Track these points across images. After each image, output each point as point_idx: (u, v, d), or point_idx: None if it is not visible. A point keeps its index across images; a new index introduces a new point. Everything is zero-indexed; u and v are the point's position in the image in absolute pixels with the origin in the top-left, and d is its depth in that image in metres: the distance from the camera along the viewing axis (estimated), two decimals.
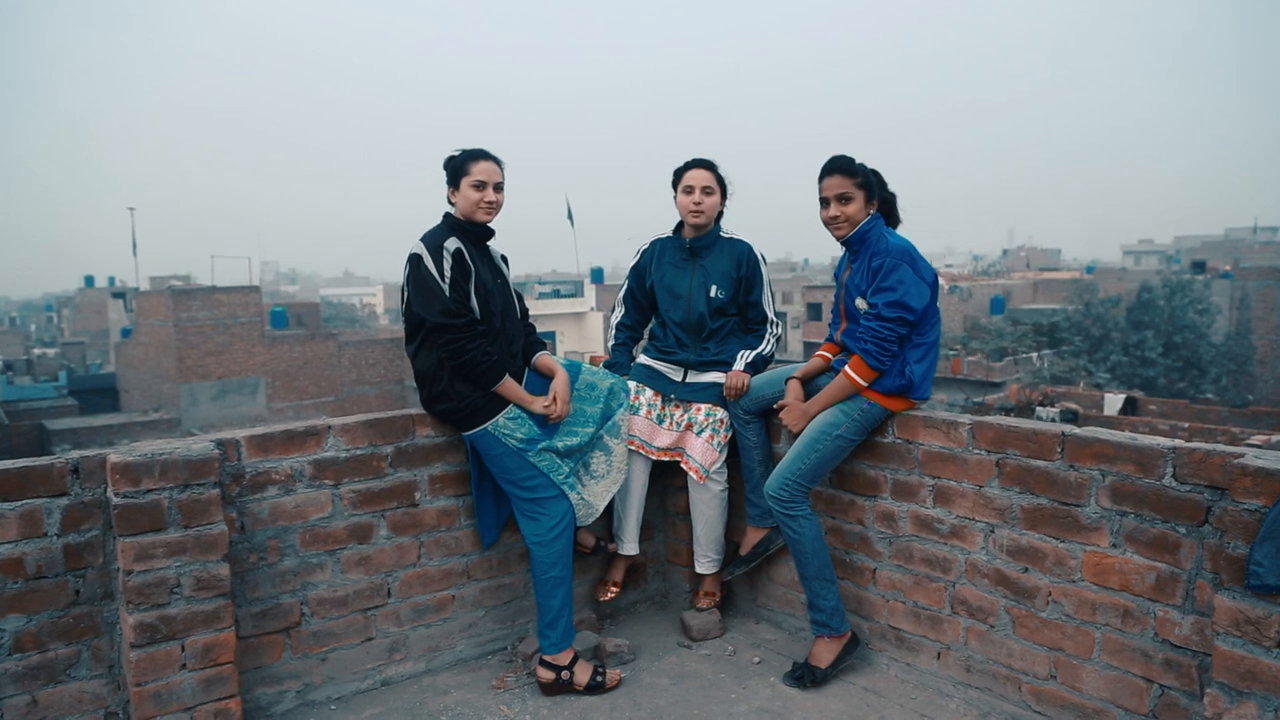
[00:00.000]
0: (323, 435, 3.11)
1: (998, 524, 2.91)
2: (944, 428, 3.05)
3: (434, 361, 3.16)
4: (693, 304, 3.67)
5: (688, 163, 3.65)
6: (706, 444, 3.55)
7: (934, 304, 3.14)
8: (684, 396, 3.63)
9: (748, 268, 3.68)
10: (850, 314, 3.27)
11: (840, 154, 3.19)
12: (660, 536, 4.04)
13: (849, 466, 3.36)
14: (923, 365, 3.15)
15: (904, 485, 3.18)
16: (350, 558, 3.19)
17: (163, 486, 2.68)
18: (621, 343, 3.90)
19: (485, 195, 3.22)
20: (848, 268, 3.30)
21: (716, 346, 3.67)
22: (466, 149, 3.27)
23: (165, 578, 2.69)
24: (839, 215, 3.18)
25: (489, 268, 3.33)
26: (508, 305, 3.34)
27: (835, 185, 3.16)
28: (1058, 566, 2.77)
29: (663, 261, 3.78)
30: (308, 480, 3.09)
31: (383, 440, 3.23)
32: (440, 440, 3.35)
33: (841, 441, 3.18)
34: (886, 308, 3.05)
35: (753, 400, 3.51)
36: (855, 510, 3.37)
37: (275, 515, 3.04)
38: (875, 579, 3.33)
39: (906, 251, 3.08)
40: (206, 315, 33.86)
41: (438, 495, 3.37)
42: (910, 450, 3.15)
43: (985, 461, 2.93)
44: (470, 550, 3.46)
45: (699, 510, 3.68)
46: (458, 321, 3.08)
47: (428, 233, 3.23)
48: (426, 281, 3.11)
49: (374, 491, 3.22)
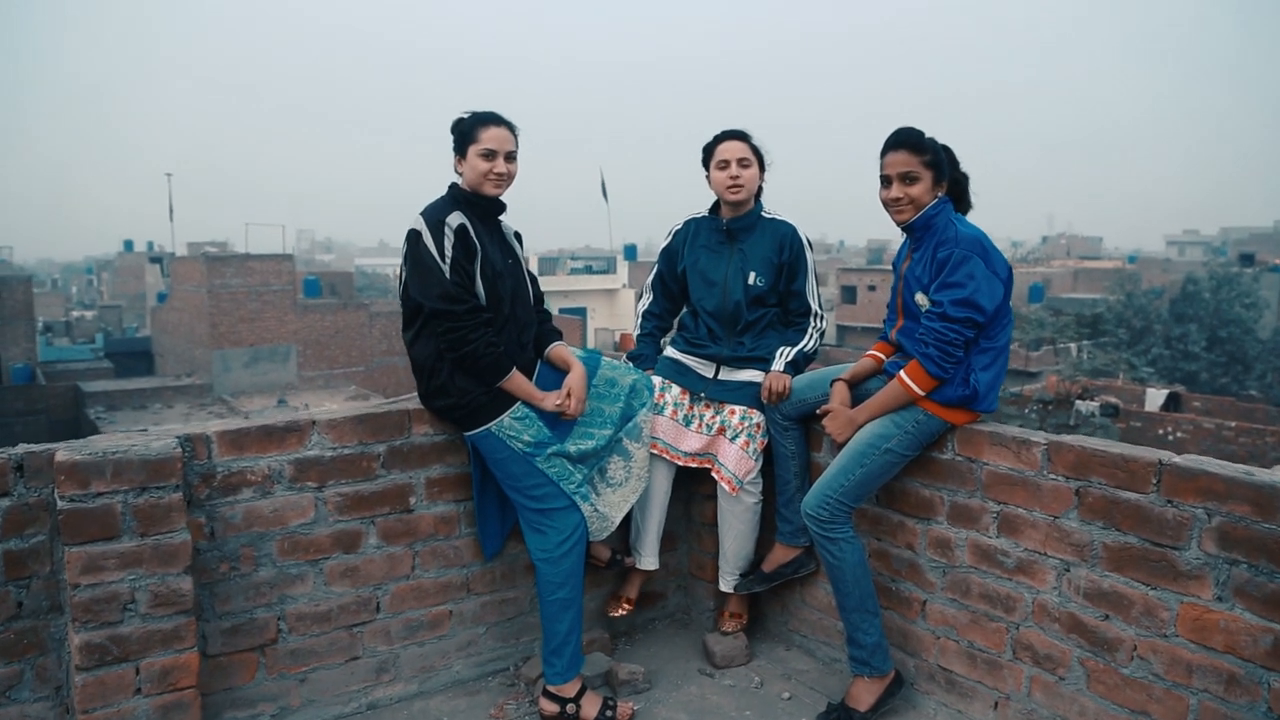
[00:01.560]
0: (305, 432, 2.77)
1: (1074, 562, 2.51)
2: (1014, 446, 2.63)
3: (433, 352, 2.81)
4: (728, 292, 3.27)
5: (718, 136, 3.25)
6: (741, 451, 3.17)
7: (1007, 303, 2.72)
8: (715, 396, 3.25)
9: (791, 252, 3.28)
10: (908, 311, 2.86)
11: (907, 126, 2.77)
12: (683, 547, 3.67)
13: (899, 484, 2.96)
14: (990, 373, 2.73)
15: (963, 509, 2.78)
16: (335, 568, 2.86)
17: (116, 489, 2.35)
18: (648, 333, 3.52)
19: (495, 166, 2.84)
20: (908, 257, 2.88)
21: (753, 341, 3.28)
22: (476, 111, 2.89)
23: (118, 592, 2.37)
24: (902, 197, 2.76)
25: (499, 246, 2.96)
26: (519, 289, 2.97)
27: (899, 162, 2.74)
28: (1146, 617, 2.36)
29: (696, 244, 3.38)
30: (288, 482, 2.75)
31: (374, 438, 2.88)
32: (439, 439, 3.00)
33: (892, 456, 2.78)
34: (953, 306, 2.63)
35: (793, 405, 3.12)
36: (905, 533, 2.97)
37: (250, 520, 2.71)
38: (925, 612, 2.93)
39: (979, 242, 2.66)
40: (240, 282, 33.94)
41: (435, 500, 3.02)
42: (972, 470, 2.75)
43: (1063, 489, 2.52)
44: (471, 561, 3.12)
45: (728, 523, 3.30)
46: (459, 308, 2.72)
47: (429, 206, 2.86)
48: (425, 261, 2.74)
49: (363, 495, 2.88)
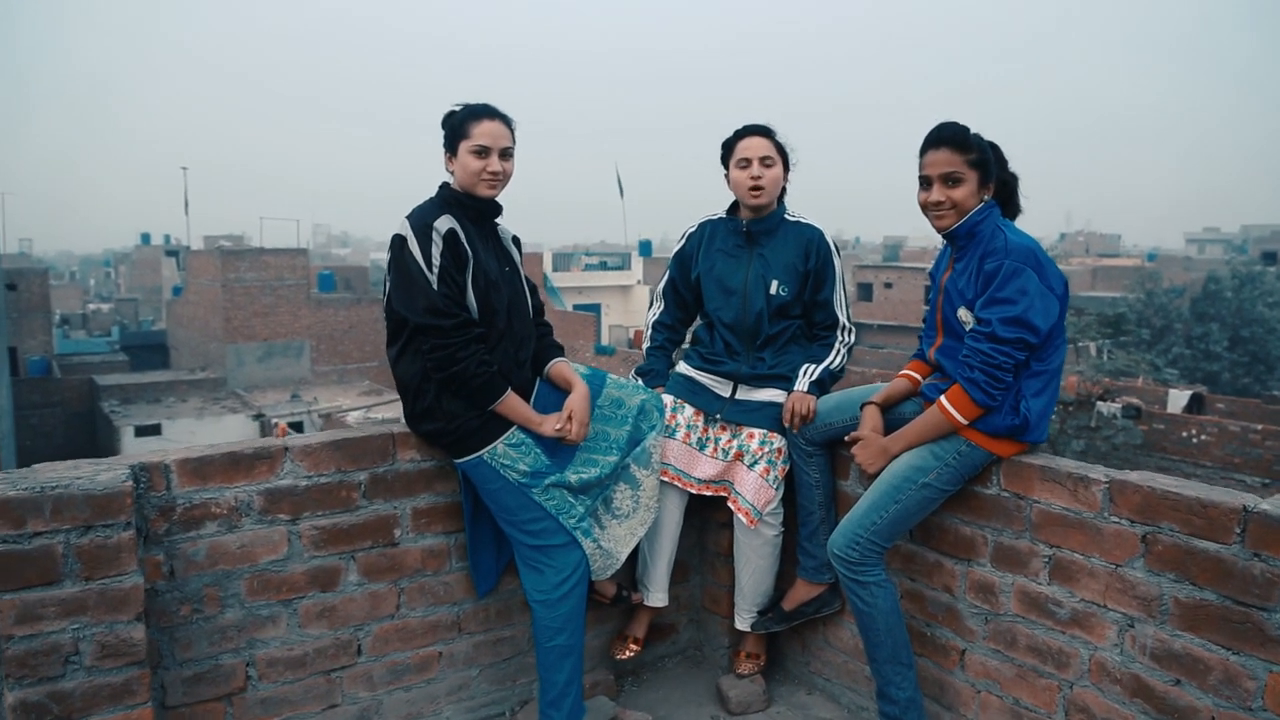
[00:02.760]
0: (277, 459, 2.50)
1: (1140, 617, 2.20)
2: (1069, 484, 2.33)
3: (419, 370, 2.53)
4: (748, 302, 2.98)
5: (738, 131, 2.96)
6: (760, 480, 2.87)
7: (1062, 321, 2.41)
8: (732, 418, 2.96)
9: (817, 259, 2.98)
10: (949, 328, 2.56)
11: (950, 121, 2.46)
12: (696, 579, 3.38)
13: (937, 519, 2.66)
14: (1042, 400, 2.43)
15: (1009, 551, 2.48)
16: (310, 609, 2.59)
17: (56, 529, 2.08)
18: (658, 345, 3.23)
19: (489, 164, 2.56)
20: (949, 267, 2.58)
21: (774, 356, 2.99)
22: (469, 105, 2.61)
23: (58, 644, 2.10)
24: (943, 200, 2.46)
25: (495, 252, 2.68)
26: (516, 300, 2.69)
27: (941, 162, 2.44)
28: (1227, 686, 2.06)
29: (712, 248, 3.09)
30: (257, 514, 2.48)
31: (354, 465, 2.61)
32: (427, 465, 2.73)
33: (930, 492, 2.49)
34: (1003, 325, 2.33)
35: (818, 429, 2.82)
36: (942, 574, 2.68)
37: (215, 557, 2.44)
38: (964, 663, 2.64)
39: (1031, 253, 2.36)
40: (254, 276, 33.88)
41: (423, 532, 2.74)
42: (1021, 508, 2.45)
43: (1127, 534, 2.21)
44: (462, 598, 2.84)
45: (745, 557, 3.01)
46: (446, 322, 2.44)
47: (416, 209, 2.58)
48: (410, 270, 2.47)
49: (342, 528, 2.61)
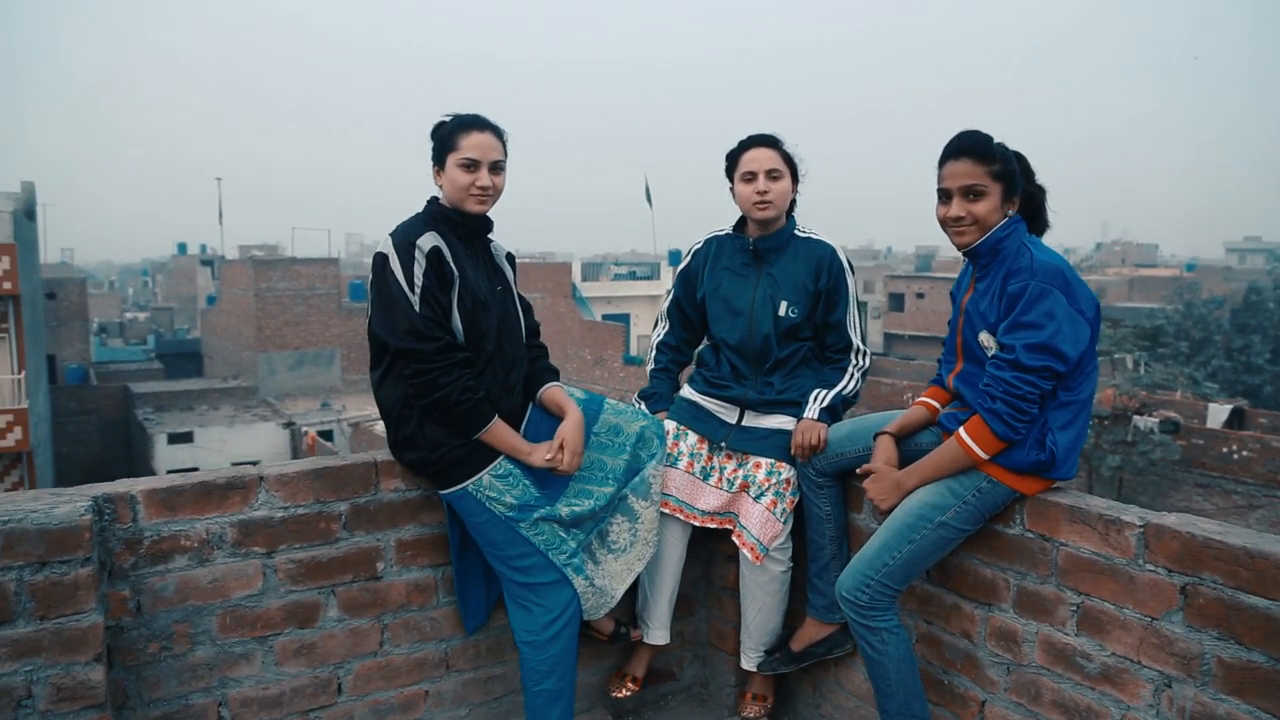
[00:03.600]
0: (251, 489, 2.37)
1: (1178, 677, 2.00)
2: (1100, 526, 2.13)
3: (401, 396, 2.39)
4: (755, 324, 2.81)
5: (743, 142, 2.80)
6: (766, 513, 2.70)
7: (1093, 347, 2.22)
8: (738, 446, 2.79)
9: (830, 277, 2.81)
10: (969, 353, 2.37)
11: (971, 130, 2.28)
12: (701, 613, 3.21)
13: (955, 558, 2.47)
14: (1070, 433, 2.24)
15: (1033, 597, 2.28)
16: (287, 646, 2.46)
17: (8, 565, 1.97)
18: (662, 368, 3.07)
19: (478, 178, 2.43)
20: (970, 287, 2.40)
21: (783, 381, 2.81)
22: (458, 115, 2.48)
23: (10, 686, 1.99)
24: (964, 215, 2.28)
25: (485, 271, 2.54)
26: (508, 321, 2.55)
27: (962, 173, 2.26)
28: None
29: (718, 266, 2.93)
30: (230, 547, 2.36)
31: (334, 495, 2.48)
32: (412, 495, 2.59)
33: (947, 531, 2.30)
34: (1028, 352, 2.14)
35: (829, 460, 2.65)
36: (960, 618, 2.48)
37: (185, 593, 2.31)
38: (984, 715, 2.44)
39: (1059, 272, 2.17)
40: (286, 286, 34.23)
41: (407, 565, 2.60)
42: (1046, 550, 2.25)
43: (1164, 585, 2.01)
44: (450, 634, 2.70)
45: (751, 594, 2.84)
46: (428, 346, 2.30)
47: (401, 225, 2.45)
48: (391, 291, 2.33)
49: (321, 562, 2.47)
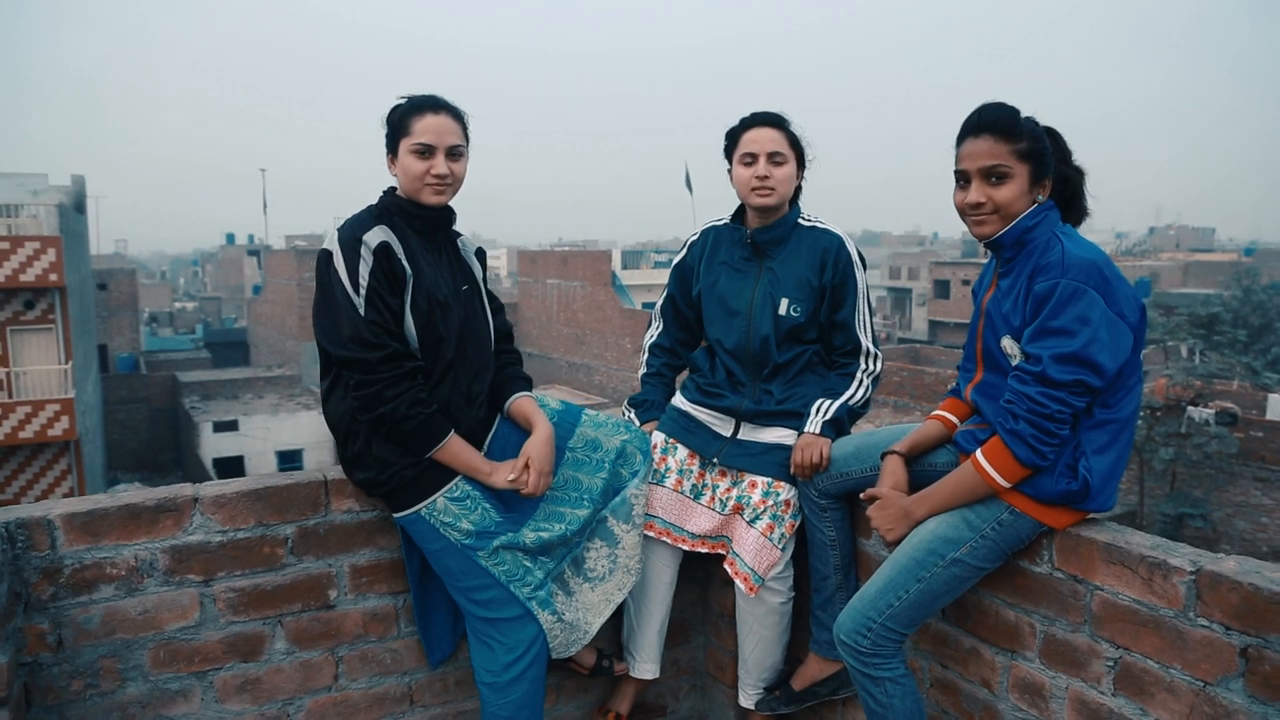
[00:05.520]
0: (184, 511, 2.15)
1: None
2: (1142, 570, 1.81)
3: (349, 409, 2.15)
4: (754, 325, 2.52)
5: (744, 120, 2.50)
6: (762, 539, 2.41)
7: (1137, 356, 1.90)
8: (733, 463, 2.50)
9: (836, 272, 2.50)
10: (991, 360, 2.06)
11: (995, 103, 1.96)
12: (699, 640, 2.93)
13: (975, 596, 2.17)
14: (1108, 457, 1.92)
15: (1063, 647, 1.97)
16: (229, 681, 2.24)
17: None
18: (655, 372, 2.79)
19: (433, 165, 2.17)
20: (992, 284, 2.08)
21: (784, 389, 2.52)
22: (412, 96, 2.22)
23: None
24: (984, 201, 1.96)
25: (447, 269, 2.29)
26: (472, 324, 2.29)
27: (982, 153, 1.94)
28: None
29: (715, 261, 2.64)
30: (162, 575, 2.14)
31: (278, 518, 2.24)
32: (368, 516, 2.35)
33: (961, 569, 1.99)
34: (1057, 364, 1.83)
35: (832, 480, 2.35)
36: (979, 665, 2.18)
37: (112, 625, 2.10)
38: None
39: (1095, 269, 1.84)
40: None
41: (364, 593, 2.37)
42: (1078, 594, 1.94)
43: (1220, 644, 1.69)
44: (414, 667, 2.46)
45: (749, 627, 2.56)
46: (371, 355, 2.05)
47: (349, 219, 2.20)
48: (334, 294, 2.08)
49: (265, 590, 2.25)
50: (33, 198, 20.99)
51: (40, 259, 17.92)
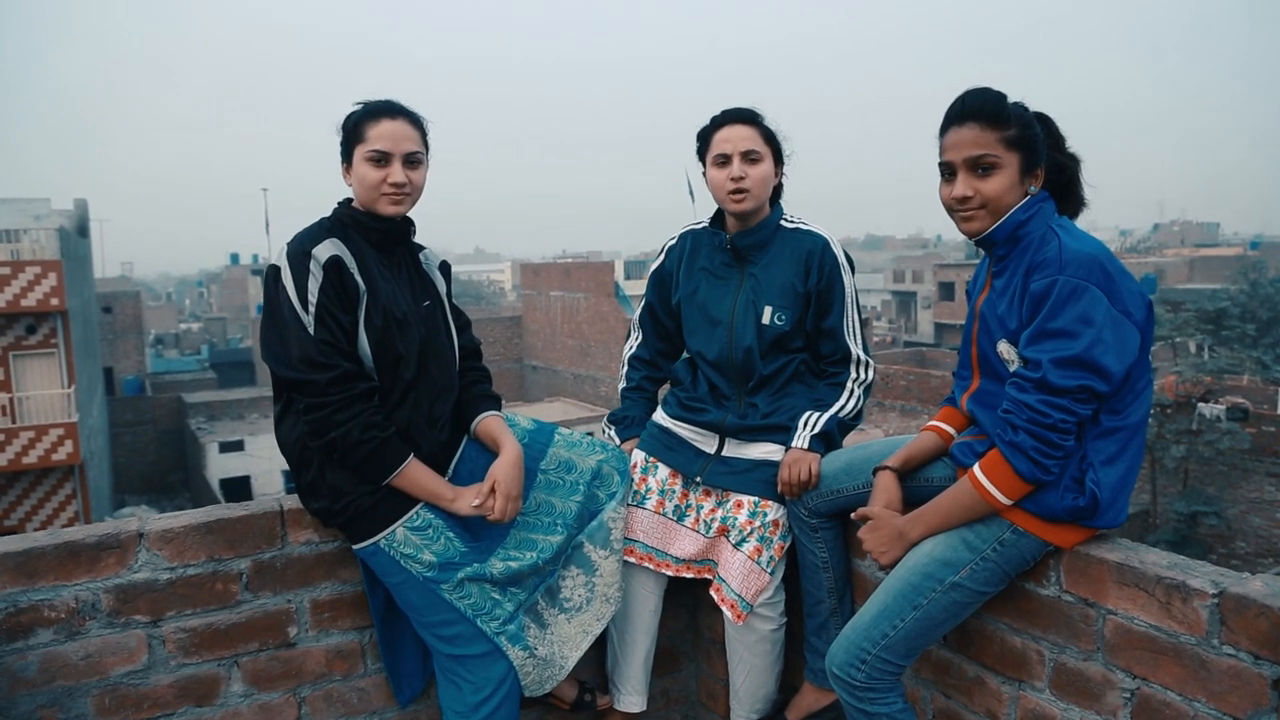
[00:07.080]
0: (129, 548, 2.01)
1: None
2: (1159, 592, 1.66)
3: (301, 435, 2.01)
4: (737, 335, 2.37)
5: (715, 119, 2.36)
6: (749, 563, 2.26)
7: (1145, 357, 1.75)
8: (717, 481, 2.35)
9: (821, 276, 2.35)
10: (987, 366, 1.91)
11: (981, 88, 1.82)
12: (690, 668, 2.78)
13: (979, 621, 2.01)
14: (1117, 468, 1.76)
15: (1075, 676, 1.82)
16: None
17: None
18: (635, 386, 2.64)
19: (389, 174, 2.03)
20: (986, 285, 1.94)
21: (769, 402, 2.37)
22: (368, 102, 2.09)
23: None
24: (971, 195, 1.81)
25: (407, 284, 2.15)
26: (435, 341, 2.15)
27: (967, 142, 1.80)
28: None
29: (695, 267, 2.49)
30: (106, 616, 2.00)
31: (232, 551, 2.10)
32: (328, 548, 2.20)
33: (961, 594, 1.84)
34: (1058, 369, 1.68)
35: (823, 498, 2.20)
36: (984, 695, 2.02)
37: (52, 672, 1.96)
38: None
39: (1097, 264, 1.69)
40: None
41: (326, 629, 2.22)
42: (1090, 618, 1.78)
43: (1248, 674, 1.54)
44: (383, 706, 2.31)
45: (739, 656, 2.41)
46: (320, 377, 1.91)
47: (300, 232, 2.06)
48: (281, 311, 1.95)
49: (219, 629, 2.10)
50: (35, 223, 21.01)
51: (41, 283, 17.90)
